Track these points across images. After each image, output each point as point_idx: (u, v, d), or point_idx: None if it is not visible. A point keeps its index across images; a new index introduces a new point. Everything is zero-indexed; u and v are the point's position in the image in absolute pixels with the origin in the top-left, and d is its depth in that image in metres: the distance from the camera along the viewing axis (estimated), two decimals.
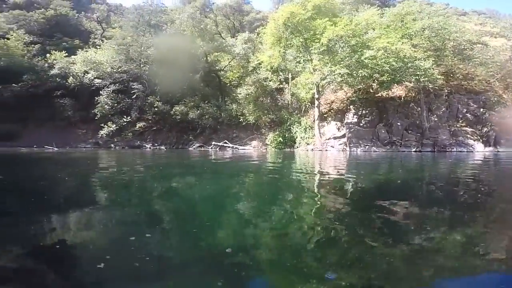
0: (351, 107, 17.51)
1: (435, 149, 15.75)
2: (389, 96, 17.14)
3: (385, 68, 14.79)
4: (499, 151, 15.12)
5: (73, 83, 23.17)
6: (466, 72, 17.37)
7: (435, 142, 15.95)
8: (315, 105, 17.81)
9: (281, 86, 22.82)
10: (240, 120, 21.05)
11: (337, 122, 18.02)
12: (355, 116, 17.11)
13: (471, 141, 15.76)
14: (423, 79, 14.80)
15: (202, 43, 22.78)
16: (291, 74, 21.65)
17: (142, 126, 22.49)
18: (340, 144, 17.25)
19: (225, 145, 20.03)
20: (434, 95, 16.78)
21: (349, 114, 17.38)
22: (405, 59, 14.93)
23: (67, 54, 25.94)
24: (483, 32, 25.73)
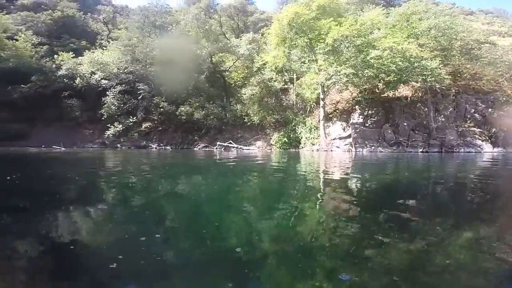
0: (356, 107, 17.39)
1: (443, 149, 15.56)
2: (395, 96, 16.98)
3: (391, 68, 14.67)
4: (508, 152, 14.87)
5: (80, 83, 23.42)
6: (474, 71, 17.12)
7: (442, 142, 15.77)
8: (320, 105, 17.75)
9: (285, 86, 22.77)
10: (244, 121, 21.07)
11: (342, 123, 17.92)
12: (360, 116, 17.00)
13: (479, 142, 15.53)
14: (430, 79, 14.65)
15: (207, 43, 22.86)
16: (296, 75, 21.59)
17: (148, 127, 22.67)
18: (346, 145, 17.16)
19: (230, 145, 20.08)
20: (442, 95, 16.58)
21: (354, 114, 17.27)
22: (411, 59, 14.80)
23: (74, 55, 26.24)
24: (491, 32, 25.37)
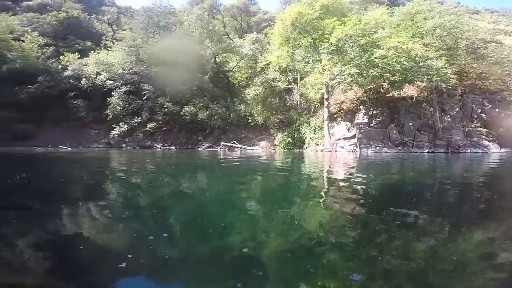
0: (361, 107, 17.31)
1: (449, 150, 15.41)
2: (400, 96, 16.87)
3: (396, 68, 14.57)
4: None
5: (86, 84, 23.66)
6: (480, 71, 16.92)
7: (448, 143, 15.62)
8: (325, 105, 17.70)
9: (289, 86, 22.74)
10: (248, 121, 21.10)
11: (347, 123, 17.85)
12: (365, 117, 16.90)
13: (486, 142, 15.35)
14: (436, 78, 14.52)
15: (210, 44, 22.93)
16: (299, 75, 21.55)
17: (152, 127, 22.82)
18: (350, 145, 17.08)
19: (233, 145, 20.12)
20: (447, 95, 16.43)
21: (359, 114, 17.18)
22: (416, 59, 14.69)
23: (79, 56, 26.53)
24: (497, 31, 25.09)
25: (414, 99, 16.60)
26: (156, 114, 23.18)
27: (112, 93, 23.10)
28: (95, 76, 24.09)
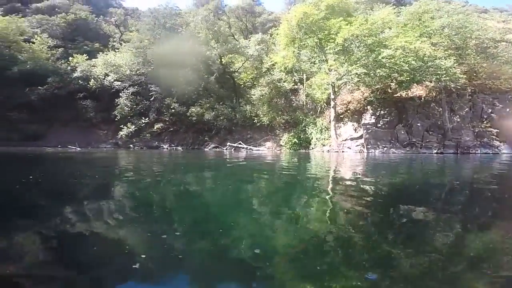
0: (368, 107, 17.17)
1: (458, 150, 15.18)
2: (408, 96, 16.69)
3: (404, 68, 14.44)
4: None
5: (94, 85, 23.98)
6: (490, 71, 16.63)
7: (458, 143, 15.38)
8: (331, 105, 17.62)
9: (295, 87, 22.71)
10: (254, 121, 21.13)
11: (354, 123, 17.73)
12: (372, 117, 16.77)
13: (497, 143, 15.08)
14: (445, 78, 14.35)
15: (216, 45, 23.06)
16: (305, 75, 21.51)
17: (159, 127, 23.03)
18: (357, 146, 16.96)
19: (239, 146, 20.17)
20: (457, 94, 16.19)
21: (366, 114, 17.05)
22: (424, 58, 14.55)
23: (88, 57, 26.91)
24: (507, 30, 24.54)
25: (423, 99, 16.40)
26: (163, 114, 23.40)
27: (120, 94, 23.39)
28: (103, 77, 24.42)
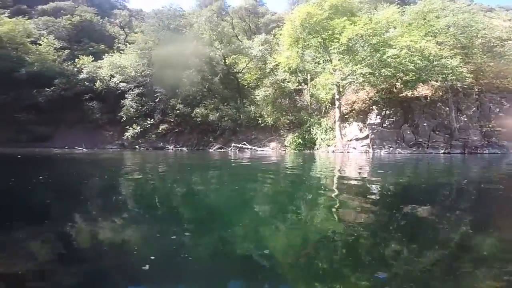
0: (373, 107, 17.08)
1: (465, 150, 15.01)
2: (414, 95, 16.55)
3: (410, 67, 14.34)
4: None
5: (100, 86, 24.18)
6: (497, 70, 16.41)
7: (465, 143, 15.21)
8: (336, 105, 17.55)
9: (299, 87, 22.66)
10: (258, 122, 21.13)
11: (359, 123, 17.63)
12: (378, 117, 16.67)
13: (505, 142, 14.88)
14: (451, 77, 14.22)
15: (220, 46, 23.13)
16: (309, 75, 21.46)
17: (164, 128, 23.18)
18: (363, 146, 16.86)
19: (244, 146, 20.21)
20: (463, 94, 16.02)
21: (371, 114, 16.96)
22: (430, 57, 14.44)
23: (93, 58, 27.14)
24: None
25: (429, 98, 16.27)
26: (168, 115, 23.54)
27: (126, 95, 23.59)
28: (109, 79, 24.62)
